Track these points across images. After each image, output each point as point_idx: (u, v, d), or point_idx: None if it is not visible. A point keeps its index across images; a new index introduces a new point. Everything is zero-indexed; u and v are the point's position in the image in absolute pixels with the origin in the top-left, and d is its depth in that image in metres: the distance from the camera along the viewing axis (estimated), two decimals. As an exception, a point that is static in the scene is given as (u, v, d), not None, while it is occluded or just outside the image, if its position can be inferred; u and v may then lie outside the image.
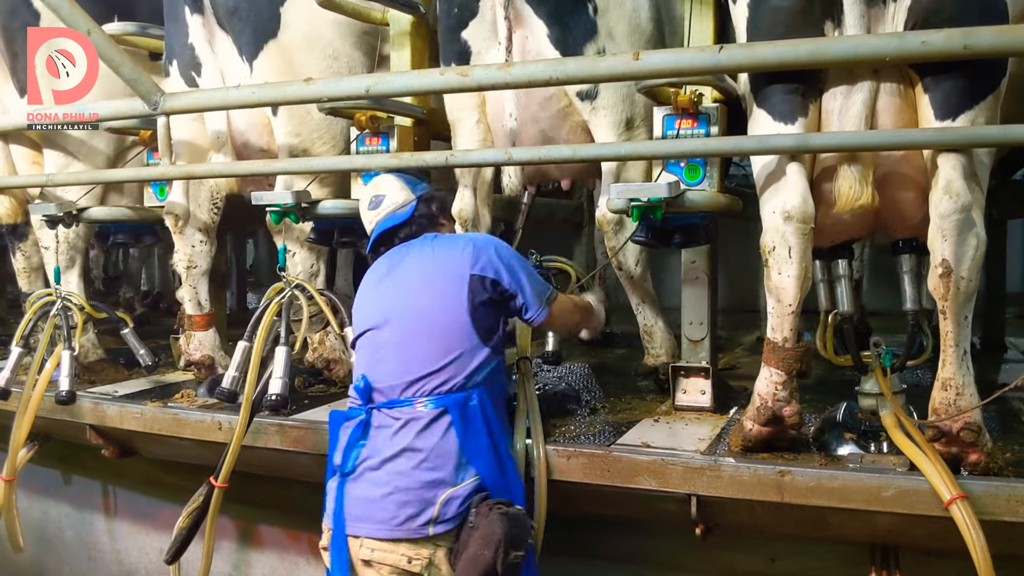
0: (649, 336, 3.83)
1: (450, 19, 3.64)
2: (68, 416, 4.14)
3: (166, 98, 3.68)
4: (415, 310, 2.80)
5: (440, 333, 2.75)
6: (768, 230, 2.89)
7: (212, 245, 4.33)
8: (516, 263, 2.90)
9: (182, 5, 3.99)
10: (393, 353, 2.77)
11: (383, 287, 2.92)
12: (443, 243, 2.93)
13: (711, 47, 2.87)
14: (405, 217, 2.99)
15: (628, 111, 3.56)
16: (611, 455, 3.00)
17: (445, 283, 2.79)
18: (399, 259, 2.95)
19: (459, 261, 2.81)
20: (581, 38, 3.46)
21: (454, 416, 2.67)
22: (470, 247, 2.84)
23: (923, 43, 2.54)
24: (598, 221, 3.58)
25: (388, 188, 3.04)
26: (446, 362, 2.71)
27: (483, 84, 3.14)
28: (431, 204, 3.06)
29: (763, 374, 2.96)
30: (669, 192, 2.91)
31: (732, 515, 3.00)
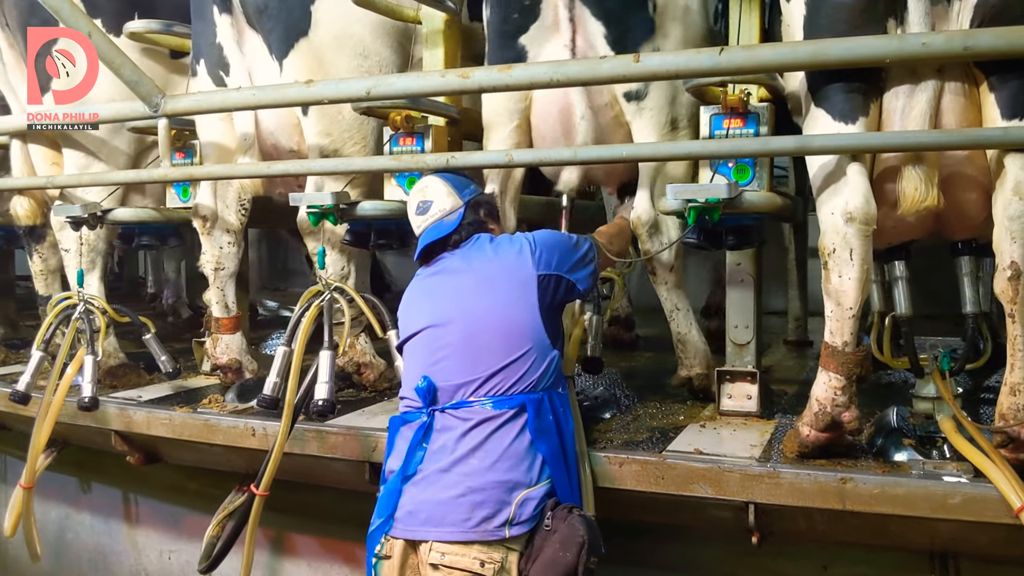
0: (682, 345, 3.69)
1: (508, 24, 3.55)
2: (92, 422, 4.04)
3: (166, 100, 3.66)
4: (480, 310, 2.74)
5: (510, 333, 2.70)
6: (827, 232, 2.83)
7: (240, 247, 4.24)
8: (566, 248, 2.90)
9: (210, 4, 3.90)
10: (458, 353, 2.71)
11: (439, 288, 2.86)
12: (501, 244, 2.89)
13: (711, 49, 2.84)
14: (454, 226, 2.92)
15: (673, 112, 3.49)
16: (665, 462, 2.93)
17: (510, 284, 2.76)
18: (453, 261, 2.90)
19: (522, 261, 2.79)
20: (640, 37, 3.39)
21: (531, 416, 2.62)
22: (529, 245, 2.82)
23: (923, 44, 2.55)
24: (632, 223, 3.50)
25: (435, 193, 2.96)
26: (518, 362, 2.66)
27: (484, 86, 3.16)
28: (479, 210, 3.00)
29: (821, 379, 2.90)
30: (728, 193, 2.85)
31: (788, 523, 2.94)
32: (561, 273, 2.81)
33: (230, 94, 3.84)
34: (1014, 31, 2.47)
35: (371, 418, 3.60)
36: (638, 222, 3.46)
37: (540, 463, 2.61)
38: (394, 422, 2.82)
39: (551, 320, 2.78)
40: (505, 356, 2.66)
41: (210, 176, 4.10)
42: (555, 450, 2.68)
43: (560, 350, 2.83)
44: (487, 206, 3.05)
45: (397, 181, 3.80)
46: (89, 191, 4.38)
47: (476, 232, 2.95)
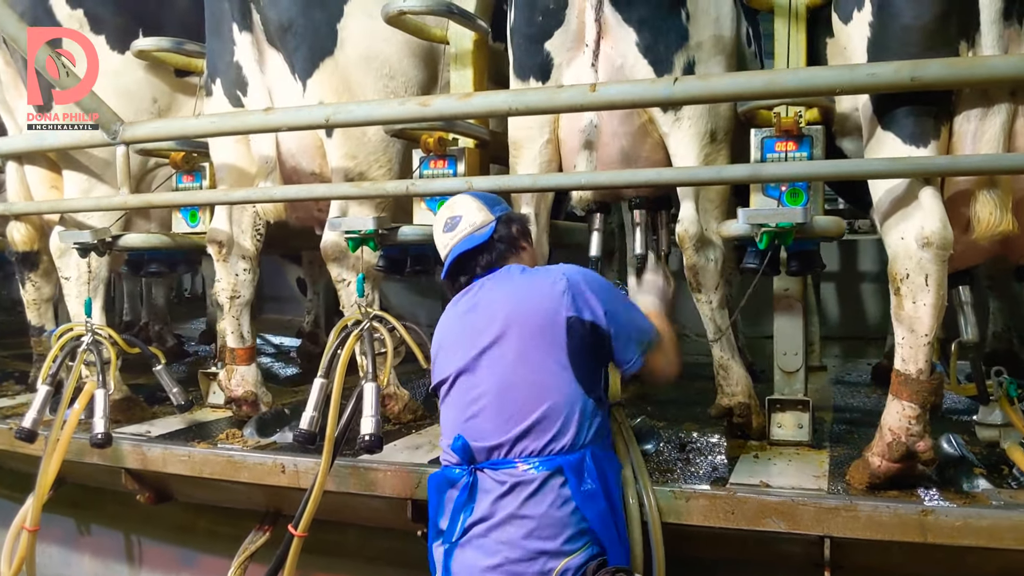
0: (724, 372, 3.56)
1: (532, 28, 3.46)
2: (101, 460, 3.82)
3: (125, 127, 3.64)
4: (508, 361, 2.49)
5: (540, 385, 2.46)
6: (899, 257, 2.77)
7: (255, 274, 4.07)
8: (613, 298, 2.62)
9: (229, 22, 3.74)
10: (491, 407, 2.48)
11: (469, 328, 2.61)
12: (531, 278, 2.61)
13: (665, 79, 2.92)
14: (484, 239, 2.71)
15: (712, 123, 3.39)
16: (735, 496, 2.83)
17: (539, 328, 2.49)
18: (485, 294, 2.65)
19: (553, 301, 2.51)
20: (673, 46, 3.30)
21: (569, 479, 2.40)
22: (562, 283, 2.53)
23: (870, 75, 2.63)
24: (679, 237, 3.37)
25: (465, 208, 2.78)
26: (551, 418, 2.43)
27: (443, 114, 3.18)
28: (511, 226, 2.78)
29: (893, 408, 2.83)
30: (804, 218, 2.77)
31: (863, 556, 2.86)
32: (595, 319, 2.51)
33: (189, 122, 3.83)
34: (962, 63, 2.58)
35: (412, 453, 3.45)
36: (684, 235, 3.34)
37: (583, 528, 2.40)
38: (435, 480, 2.59)
39: (584, 367, 2.50)
40: (539, 411, 2.43)
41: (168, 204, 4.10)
42: (603, 514, 2.46)
43: (600, 398, 2.57)
44: (520, 223, 2.84)
45: (427, 205, 3.67)
46: (91, 216, 4.18)
47: (507, 251, 2.74)
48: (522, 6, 3.51)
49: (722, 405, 3.55)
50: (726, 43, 3.47)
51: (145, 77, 4.33)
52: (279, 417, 3.95)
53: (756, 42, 4.36)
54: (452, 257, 2.74)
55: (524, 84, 3.54)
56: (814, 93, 2.89)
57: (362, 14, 3.63)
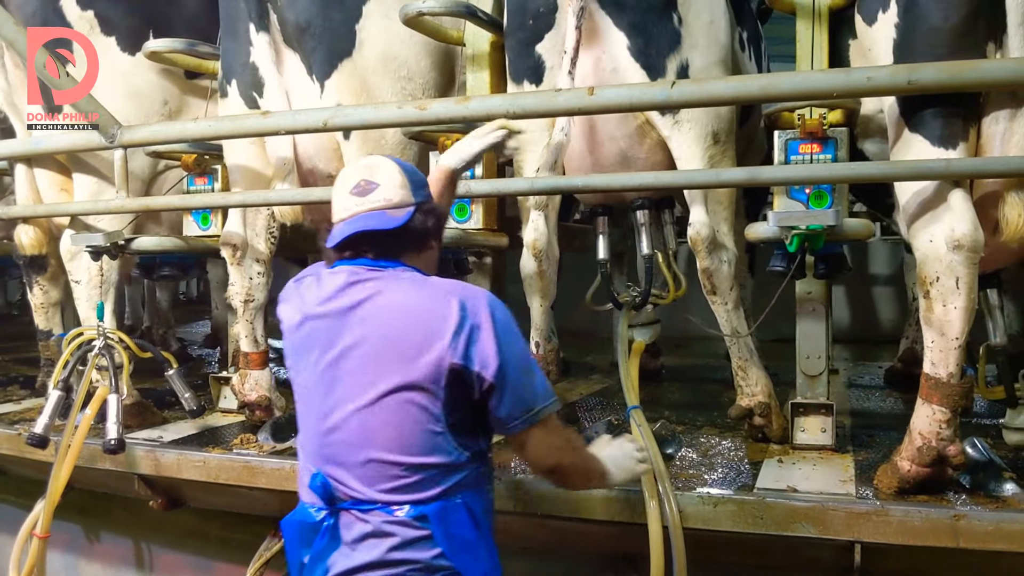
0: (743, 373, 3.53)
1: (523, 32, 3.45)
2: (114, 466, 3.78)
3: (123, 131, 3.61)
4: (372, 391, 2.11)
5: (405, 433, 2.10)
6: (928, 260, 2.75)
7: (269, 277, 4.03)
8: (515, 342, 2.18)
9: (246, 22, 3.70)
10: (349, 442, 2.14)
11: (334, 331, 2.19)
12: (422, 302, 2.16)
13: (662, 83, 2.89)
14: (396, 224, 2.24)
15: (714, 124, 3.37)
16: (764, 502, 2.80)
17: (415, 367, 2.09)
18: (362, 298, 2.19)
19: (439, 341, 2.09)
20: (665, 49, 3.29)
21: (435, 527, 2.10)
22: (454, 320, 2.09)
23: (868, 79, 2.60)
24: (691, 241, 3.36)
25: (386, 178, 2.28)
26: (417, 463, 2.10)
27: (441, 118, 3.14)
28: (429, 218, 2.34)
29: (923, 412, 2.81)
30: (835, 220, 2.75)
31: (893, 561, 2.83)
32: (483, 370, 2.10)
33: (188, 125, 3.76)
34: (956, 66, 2.52)
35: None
36: (697, 238, 3.32)
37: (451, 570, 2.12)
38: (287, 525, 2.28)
39: (466, 419, 2.17)
40: (405, 455, 2.10)
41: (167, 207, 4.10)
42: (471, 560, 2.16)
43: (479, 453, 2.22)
44: (437, 218, 2.41)
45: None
46: (101, 219, 4.14)
47: (413, 245, 2.31)
48: (514, 10, 3.49)
49: (742, 406, 3.53)
50: (721, 46, 3.45)
51: (156, 79, 4.29)
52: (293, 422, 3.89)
53: (754, 46, 4.35)
54: (352, 231, 2.24)
55: (519, 87, 3.52)
56: (811, 97, 2.88)
57: (380, 15, 3.60)
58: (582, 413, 4.22)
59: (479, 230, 3.59)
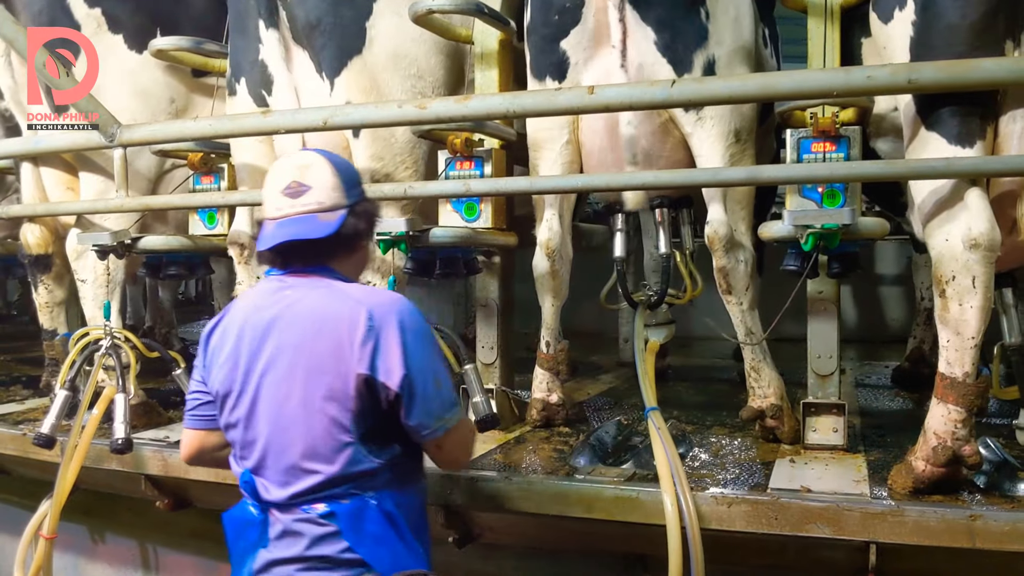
0: (756, 374, 3.50)
1: (548, 27, 3.44)
2: (121, 466, 3.75)
3: (123, 130, 3.61)
4: (287, 395, 2.16)
5: (317, 438, 2.14)
6: (944, 259, 2.74)
7: (277, 277, 3.99)
8: (423, 352, 2.19)
9: (255, 19, 3.68)
10: (269, 448, 2.19)
11: (258, 337, 2.21)
12: (336, 309, 2.16)
13: (662, 82, 2.86)
14: (329, 230, 2.21)
15: (737, 122, 3.36)
16: (779, 502, 2.78)
17: (325, 374, 2.13)
18: (284, 307, 2.22)
19: (347, 350, 2.12)
20: (692, 44, 3.28)
21: (342, 524, 2.15)
22: (362, 330, 2.12)
23: (868, 77, 2.61)
24: (709, 239, 3.34)
25: (318, 180, 2.24)
26: (327, 469, 2.15)
27: (441, 117, 3.14)
28: (361, 220, 2.31)
29: (938, 412, 2.79)
30: (851, 219, 2.74)
31: (907, 562, 2.81)
32: (387, 380, 2.12)
33: (187, 124, 3.76)
34: (955, 65, 2.53)
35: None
36: (714, 236, 3.31)
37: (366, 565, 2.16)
38: (228, 520, 2.32)
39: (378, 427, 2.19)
40: (310, 462, 2.15)
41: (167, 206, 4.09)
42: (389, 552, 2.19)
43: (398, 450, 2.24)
44: (368, 218, 2.36)
45: (454, 207, 3.63)
46: (108, 218, 4.12)
47: (343, 249, 2.30)
48: (538, 5, 3.48)
49: (753, 407, 3.50)
50: (745, 42, 3.45)
51: (163, 77, 4.28)
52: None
53: (775, 44, 4.35)
54: (283, 240, 2.21)
55: (541, 84, 3.52)
56: (810, 96, 2.88)
57: (391, 12, 3.58)
58: (591, 413, 4.20)
59: (488, 229, 3.58)
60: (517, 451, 3.50)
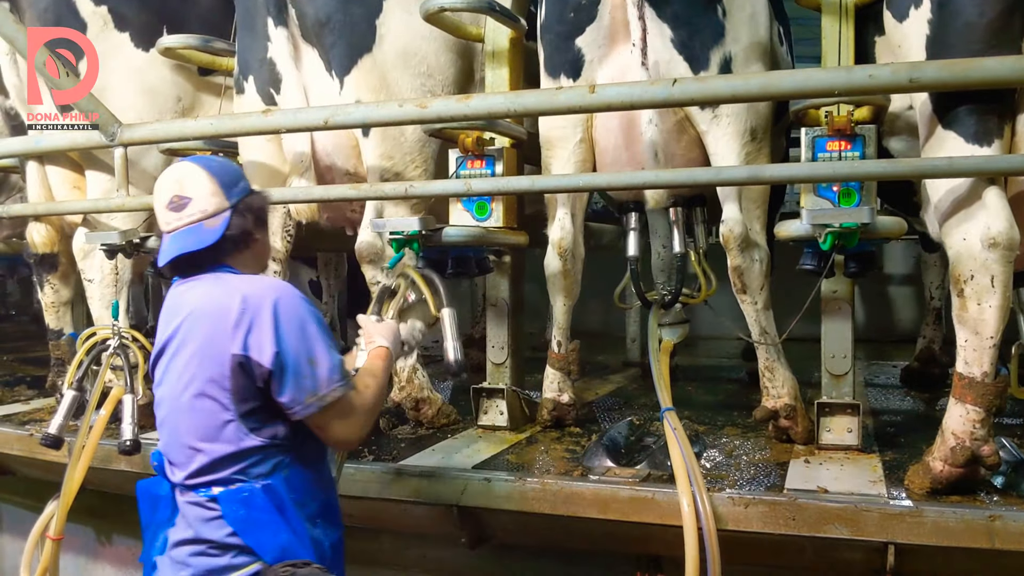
0: (770, 373, 3.48)
1: (563, 24, 3.43)
2: (128, 466, 3.72)
3: (123, 129, 3.60)
4: (180, 380, 2.26)
5: (204, 418, 2.23)
6: (962, 258, 2.73)
7: (285, 276, 3.99)
8: (296, 332, 2.24)
9: (264, 17, 3.66)
10: (169, 426, 2.31)
11: (164, 330, 2.34)
12: (218, 297, 2.26)
13: (663, 81, 2.87)
14: (216, 237, 2.30)
15: (752, 120, 3.35)
16: (796, 502, 2.77)
17: (208, 357, 2.22)
18: (182, 305, 2.32)
19: (224, 333, 2.20)
20: (709, 41, 3.28)
21: (225, 508, 2.21)
22: (236, 313, 2.21)
23: (870, 76, 2.59)
24: (724, 238, 3.33)
25: (196, 189, 2.31)
26: (215, 453, 2.22)
27: (441, 116, 3.14)
28: (247, 217, 2.38)
29: (956, 412, 2.78)
30: (870, 218, 2.72)
31: (925, 563, 2.79)
32: (260, 358, 2.19)
33: (188, 124, 3.76)
34: (957, 64, 2.52)
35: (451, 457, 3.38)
36: (730, 235, 3.29)
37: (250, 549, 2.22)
38: (142, 490, 2.42)
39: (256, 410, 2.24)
40: (199, 443, 2.23)
41: None
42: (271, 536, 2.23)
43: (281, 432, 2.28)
44: (256, 212, 2.42)
45: (464, 205, 3.61)
46: (115, 217, 4.09)
47: (236, 248, 2.37)
48: (553, 2, 3.46)
49: (767, 407, 3.48)
50: (761, 39, 3.44)
51: (170, 75, 4.26)
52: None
53: (787, 41, 4.33)
54: (175, 255, 2.31)
55: (555, 82, 3.50)
56: (811, 95, 2.89)
57: (401, 10, 3.57)
58: (600, 413, 4.18)
59: (500, 228, 3.56)
60: (529, 451, 3.48)
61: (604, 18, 3.36)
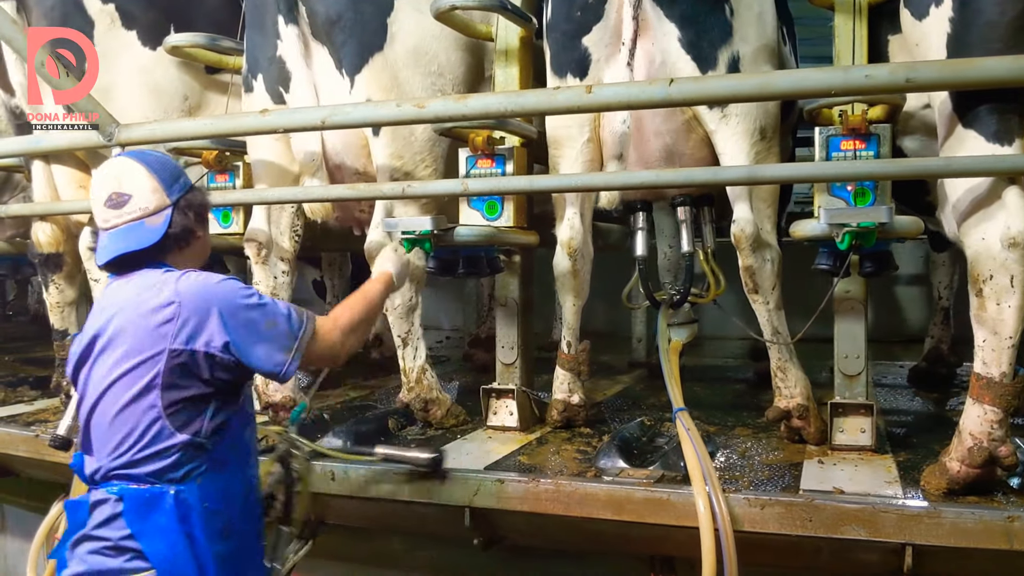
0: (782, 374, 3.45)
1: (570, 23, 3.41)
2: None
3: (121, 129, 3.58)
4: (103, 376, 2.24)
5: (125, 416, 2.20)
6: (981, 258, 2.71)
7: (294, 276, 3.96)
8: (242, 321, 2.25)
9: (274, 15, 3.64)
10: (88, 422, 2.29)
11: (92, 347, 2.30)
12: (147, 293, 2.24)
13: (660, 81, 2.83)
14: (157, 236, 2.29)
15: (761, 120, 3.33)
16: (813, 503, 2.75)
17: (135, 354, 2.20)
18: (112, 304, 2.31)
19: (154, 329, 2.19)
20: (717, 41, 3.26)
21: (127, 509, 2.17)
22: (171, 308, 2.20)
23: (867, 76, 2.59)
24: (735, 238, 3.30)
25: (135, 185, 2.29)
26: (131, 451, 2.20)
27: (439, 116, 3.12)
28: (188, 213, 2.36)
29: (974, 412, 2.76)
30: (888, 217, 2.71)
31: (942, 564, 2.78)
32: (209, 348, 2.20)
33: (185, 123, 3.77)
34: (954, 64, 2.55)
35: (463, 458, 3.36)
36: (741, 235, 3.27)
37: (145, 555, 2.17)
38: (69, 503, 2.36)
39: (183, 406, 2.22)
40: (116, 441, 2.21)
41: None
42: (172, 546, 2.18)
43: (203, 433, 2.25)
44: (197, 208, 2.41)
45: (473, 205, 3.60)
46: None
47: (177, 245, 2.35)
48: (560, 1, 3.44)
49: (780, 408, 3.46)
50: (769, 39, 3.43)
51: (176, 74, 4.24)
52: (320, 423, 3.84)
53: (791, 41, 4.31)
54: (115, 254, 2.30)
55: (561, 81, 3.48)
56: (808, 95, 2.90)
57: (412, 9, 3.55)
58: (609, 414, 4.16)
59: (511, 228, 3.54)
60: (540, 452, 3.46)
61: (611, 17, 3.34)
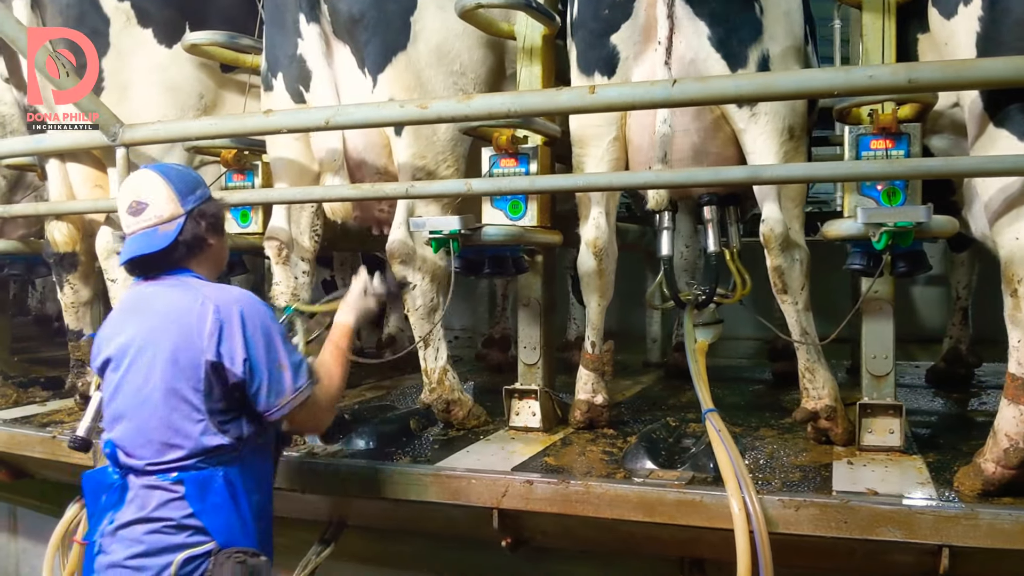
0: (810, 375, 3.42)
1: (598, 21, 3.39)
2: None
3: (125, 129, 3.59)
4: (145, 378, 2.43)
5: (170, 415, 2.40)
6: (1015, 259, 2.70)
7: (314, 276, 3.94)
8: (262, 346, 2.44)
9: (295, 13, 3.61)
10: (130, 419, 2.45)
11: (124, 328, 2.52)
12: (183, 304, 2.45)
13: (663, 82, 2.87)
14: (169, 239, 2.48)
15: (790, 119, 3.32)
16: (848, 505, 2.73)
17: (177, 361, 2.40)
18: (145, 301, 2.54)
19: (197, 340, 2.39)
20: (748, 39, 3.25)
21: (188, 490, 2.39)
22: (210, 322, 2.40)
23: (870, 77, 2.62)
24: (764, 238, 3.29)
25: (153, 195, 2.50)
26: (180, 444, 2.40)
27: (443, 116, 3.13)
28: (202, 223, 2.55)
29: (1009, 413, 2.75)
30: (927, 216, 2.69)
31: (978, 566, 2.77)
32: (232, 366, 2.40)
33: (191, 124, 3.79)
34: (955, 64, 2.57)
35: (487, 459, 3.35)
36: (770, 235, 3.26)
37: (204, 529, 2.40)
38: (91, 479, 2.55)
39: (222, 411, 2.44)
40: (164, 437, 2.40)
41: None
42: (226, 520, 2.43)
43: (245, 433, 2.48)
44: (211, 218, 2.59)
45: (496, 205, 3.57)
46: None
47: (192, 253, 2.55)
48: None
49: (807, 409, 3.44)
50: (797, 38, 3.41)
51: (193, 72, 4.22)
52: (341, 423, 3.81)
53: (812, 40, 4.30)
54: (131, 256, 2.53)
55: (588, 79, 3.46)
56: (810, 95, 2.95)
57: (435, 7, 3.53)
58: (630, 415, 4.14)
59: (535, 228, 3.52)
60: (566, 454, 3.44)
61: (640, 15, 3.32)
